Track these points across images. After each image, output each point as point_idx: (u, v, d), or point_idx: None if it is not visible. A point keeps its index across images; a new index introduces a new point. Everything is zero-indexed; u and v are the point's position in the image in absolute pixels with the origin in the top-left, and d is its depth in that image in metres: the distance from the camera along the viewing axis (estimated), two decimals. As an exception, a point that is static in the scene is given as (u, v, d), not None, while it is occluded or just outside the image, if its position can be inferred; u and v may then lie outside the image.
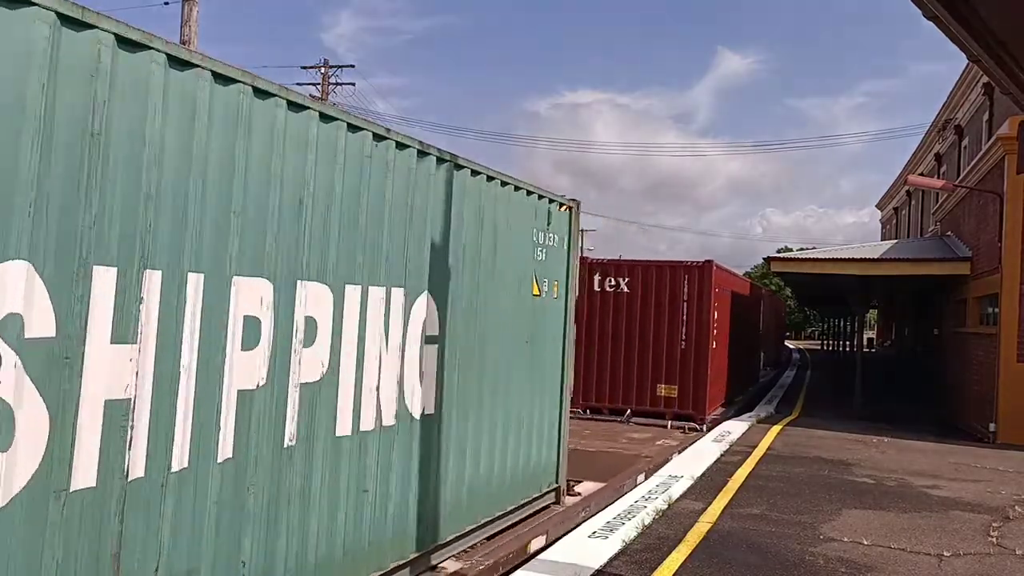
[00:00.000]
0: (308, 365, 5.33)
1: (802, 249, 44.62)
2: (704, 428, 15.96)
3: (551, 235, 9.01)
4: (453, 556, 7.18)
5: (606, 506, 9.16)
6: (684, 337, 16.43)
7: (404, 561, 6.42)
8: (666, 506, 9.18)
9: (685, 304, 16.47)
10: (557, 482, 9.39)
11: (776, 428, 16.45)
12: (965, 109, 26.44)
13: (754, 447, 13.82)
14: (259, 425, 4.93)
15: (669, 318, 16.55)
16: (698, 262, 16.66)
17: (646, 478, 10.93)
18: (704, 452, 12.93)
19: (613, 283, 16.91)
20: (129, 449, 4.07)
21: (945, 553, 7.97)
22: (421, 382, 6.52)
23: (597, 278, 16.99)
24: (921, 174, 32.92)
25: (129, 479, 4.06)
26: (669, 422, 16.26)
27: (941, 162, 31.66)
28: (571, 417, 15.88)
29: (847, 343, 39.68)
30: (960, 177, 22.17)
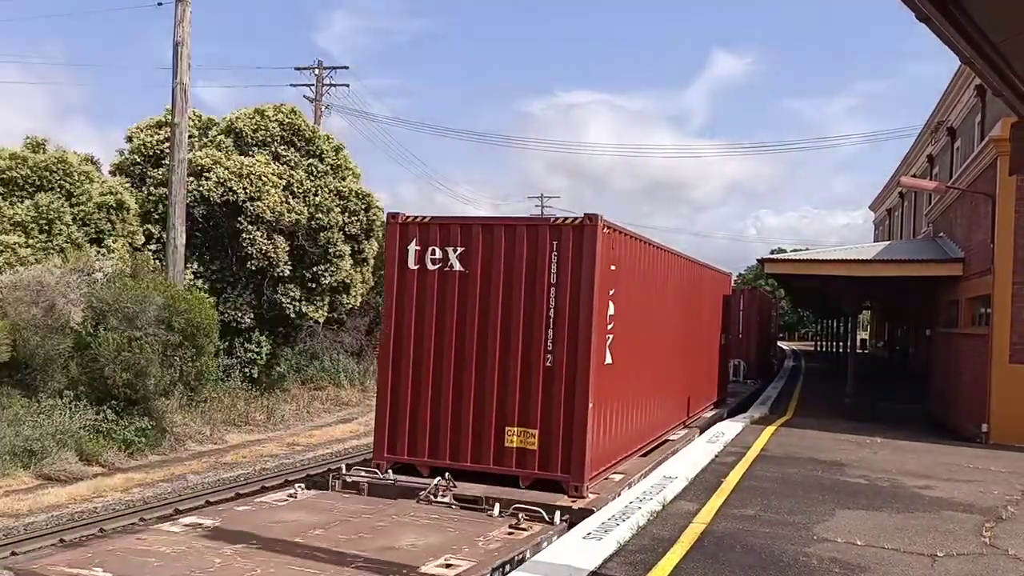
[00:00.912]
0: None
1: (796, 250, 44.74)
2: (560, 520, 8.74)
3: None
4: None
5: None
6: (550, 346, 9.80)
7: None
8: (660, 507, 9.19)
9: (553, 291, 9.83)
10: None
11: (770, 429, 16.48)
12: (958, 111, 26.54)
13: (748, 448, 13.84)
14: None
15: (527, 315, 9.92)
16: (574, 218, 9.98)
17: None
18: (698, 453, 12.95)
19: (438, 256, 10.30)
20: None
21: (938, 553, 7.99)
22: None
23: (413, 248, 10.41)
24: (914, 176, 33.03)
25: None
26: (497, 506, 8.97)
27: (934, 164, 31.76)
28: (357, 484, 9.97)
29: (840, 344, 39.78)
30: (952, 179, 22.25)
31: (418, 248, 10.45)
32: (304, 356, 27.10)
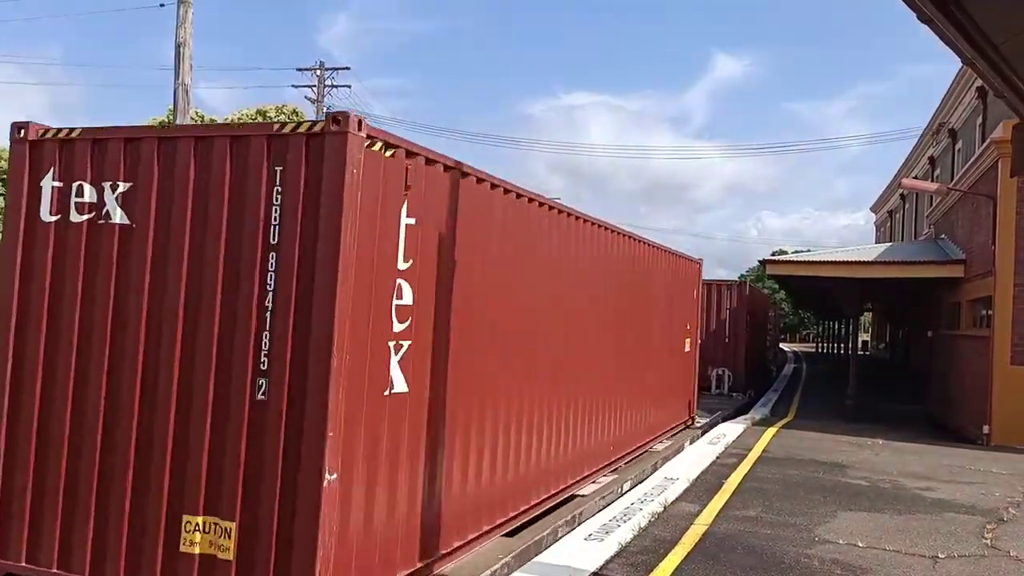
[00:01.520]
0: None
1: (797, 252, 44.75)
2: None
3: None
4: None
5: None
6: (264, 364, 5.23)
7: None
8: (662, 508, 9.19)
9: (273, 260, 5.30)
10: None
11: (771, 430, 16.48)
12: (959, 112, 26.54)
13: (749, 449, 13.84)
14: None
15: (227, 305, 5.42)
16: (310, 123, 5.41)
17: None
18: (699, 455, 12.94)
19: (89, 198, 5.87)
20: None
21: (940, 555, 7.99)
22: None
23: (50, 184, 5.96)
24: (915, 177, 33.04)
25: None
26: None
27: (935, 165, 31.76)
28: None
29: (842, 345, 39.80)
30: (954, 180, 22.25)
31: (58, 184, 5.97)
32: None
